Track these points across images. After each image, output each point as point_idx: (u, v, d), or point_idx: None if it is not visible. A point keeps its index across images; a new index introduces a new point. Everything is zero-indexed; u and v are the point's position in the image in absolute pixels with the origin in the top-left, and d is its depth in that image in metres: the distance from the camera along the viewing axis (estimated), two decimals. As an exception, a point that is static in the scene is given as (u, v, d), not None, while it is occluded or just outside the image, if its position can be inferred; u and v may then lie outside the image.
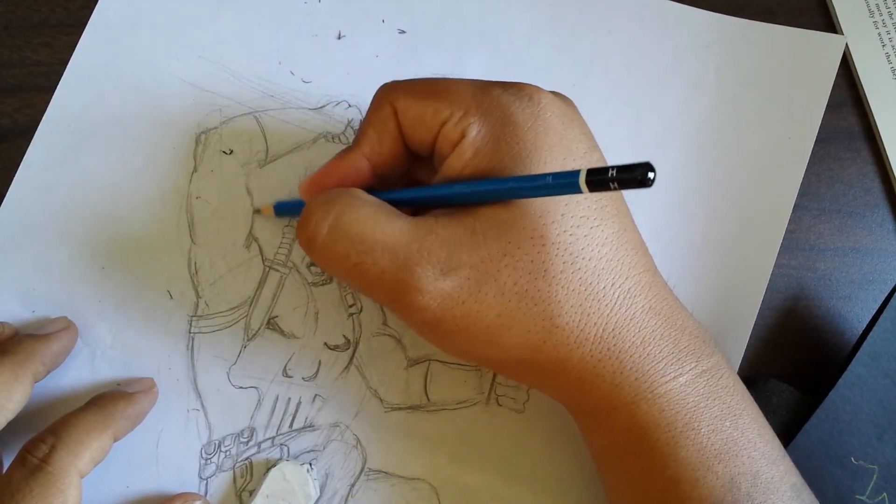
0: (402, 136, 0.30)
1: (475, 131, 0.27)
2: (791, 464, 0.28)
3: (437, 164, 0.30)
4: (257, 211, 0.36)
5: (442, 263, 0.26)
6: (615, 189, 0.22)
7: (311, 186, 0.31)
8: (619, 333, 0.27)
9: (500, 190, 0.26)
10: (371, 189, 0.30)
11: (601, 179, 0.23)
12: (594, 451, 0.30)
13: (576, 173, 0.24)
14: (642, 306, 0.27)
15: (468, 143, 0.27)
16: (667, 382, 0.27)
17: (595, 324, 0.27)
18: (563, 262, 0.26)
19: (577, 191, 0.24)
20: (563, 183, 0.24)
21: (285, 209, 0.35)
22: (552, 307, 0.26)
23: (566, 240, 0.26)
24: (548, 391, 0.30)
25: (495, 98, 0.28)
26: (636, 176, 0.22)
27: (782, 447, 0.29)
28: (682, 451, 0.27)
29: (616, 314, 0.27)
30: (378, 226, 0.27)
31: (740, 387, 0.29)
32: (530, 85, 0.29)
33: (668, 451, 0.27)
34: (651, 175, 0.22)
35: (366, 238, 0.27)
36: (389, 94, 0.30)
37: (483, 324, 0.27)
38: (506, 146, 0.27)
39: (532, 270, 0.26)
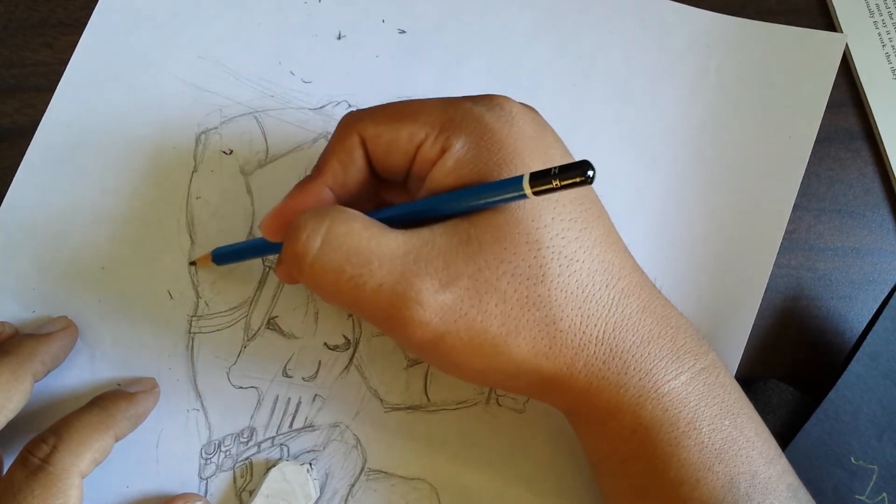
0: (368, 164, 0.29)
1: (455, 145, 0.27)
2: (787, 463, 0.28)
3: (413, 187, 0.29)
4: (192, 264, 0.35)
5: (440, 274, 0.26)
6: (559, 188, 0.23)
7: (274, 222, 0.29)
8: (619, 334, 0.27)
9: (455, 200, 0.27)
10: None
11: (544, 180, 0.23)
12: (594, 460, 0.30)
13: (519, 178, 0.24)
14: (637, 306, 0.28)
15: (450, 155, 0.27)
16: (669, 381, 0.27)
17: (595, 325, 0.27)
18: (559, 266, 0.26)
19: (523, 194, 0.24)
20: (508, 187, 0.25)
21: (225, 256, 0.34)
22: (554, 311, 0.26)
23: (559, 243, 0.27)
24: (554, 401, 0.30)
25: (467, 111, 0.28)
26: (578, 173, 0.23)
27: (778, 446, 0.29)
28: (684, 452, 0.27)
29: (614, 315, 0.27)
30: (373, 237, 0.26)
31: (736, 385, 0.29)
32: (499, 95, 0.29)
33: (669, 451, 0.27)
34: (590, 173, 0.22)
35: (361, 250, 0.26)
36: (356, 123, 0.29)
37: (488, 335, 0.26)
38: (487, 154, 0.27)
39: (530, 276, 0.26)
